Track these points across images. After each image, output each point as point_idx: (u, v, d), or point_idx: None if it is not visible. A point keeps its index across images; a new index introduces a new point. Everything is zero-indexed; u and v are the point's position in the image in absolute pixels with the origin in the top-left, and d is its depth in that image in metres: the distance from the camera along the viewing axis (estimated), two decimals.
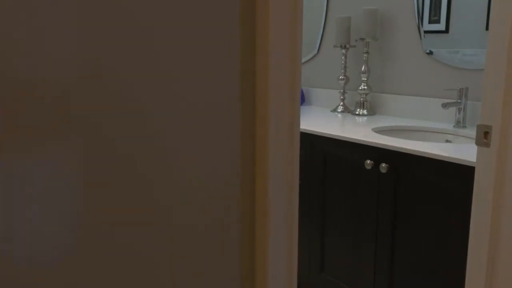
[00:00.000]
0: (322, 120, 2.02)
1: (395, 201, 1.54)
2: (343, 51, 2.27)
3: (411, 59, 2.06)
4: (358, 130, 1.78)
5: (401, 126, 1.89)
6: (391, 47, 2.14)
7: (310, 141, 1.84)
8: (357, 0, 2.26)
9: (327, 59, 2.50)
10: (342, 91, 2.31)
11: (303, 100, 2.60)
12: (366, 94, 2.18)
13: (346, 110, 2.29)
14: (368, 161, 1.58)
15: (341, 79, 2.29)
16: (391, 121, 1.98)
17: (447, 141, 1.78)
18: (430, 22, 1.94)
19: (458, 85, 1.89)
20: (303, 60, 2.65)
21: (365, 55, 2.17)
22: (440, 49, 1.94)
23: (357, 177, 1.67)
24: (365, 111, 2.18)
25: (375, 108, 2.22)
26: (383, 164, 1.53)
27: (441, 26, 1.91)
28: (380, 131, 1.85)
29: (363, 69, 2.17)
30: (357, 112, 2.19)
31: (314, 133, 1.80)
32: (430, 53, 1.97)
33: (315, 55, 2.58)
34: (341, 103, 2.31)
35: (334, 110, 2.31)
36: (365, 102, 2.18)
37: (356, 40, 2.17)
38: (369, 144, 1.58)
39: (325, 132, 1.75)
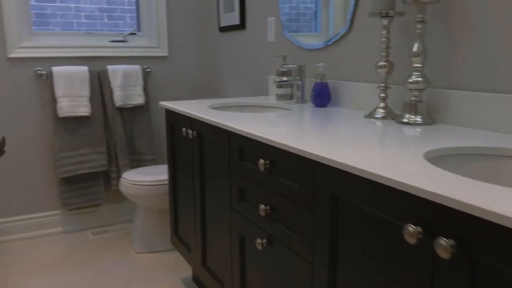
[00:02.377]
0: (345, 134, 1.21)
1: None
2: (384, 22, 1.44)
3: (504, 30, 1.19)
4: (401, 155, 0.96)
5: (482, 148, 1.03)
6: (465, 11, 1.28)
7: (312, 171, 1.05)
8: None
9: (364, 38, 1.67)
10: (383, 85, 1.48)
11: (328, 99, 1.79)
12: (421, 91, 1.34)
13: (388, 115, 1.46)
14: (411, 228, 0.76)
15: (380, 67, 1.46)
16: (463, 138, 1.13)
17: None
18: None
19: None
20: (322, 45, 1.83)
21: (419, 26, 1.33)
22: None
23: (392, 254, 0.86)
24: (418, 118, 1.34)
25: (436, 113, 1.38)
26: (442, 241, 0.71)
27: None
28: (440, 157, 1.01)
29: (416, 49, 1.33)
30: (405, 120, 1.36)
31: (318, 160, 1.00)
32: None
33: (346, 33, 1.75)
34: (381, 104, 1.48)
35: (370, 116, 1.49)
36: (418, 104, 1.34)
37: (404, 2, 1.34)
38: (414, 192, 0.76)
39: (338, 159, 0.94)
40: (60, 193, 2.68)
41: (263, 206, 1.25)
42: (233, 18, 2.56)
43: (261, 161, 1.23)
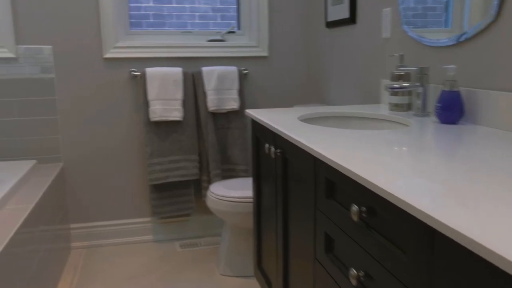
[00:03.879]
0: (489, 174, 0.78)
1: None
2: None
3: None
4: None
5: None
6: None
7: (431, 242, 0.65)
8: None
9: None
10: None
11: (459, 113, 1.32)
12: None
13: None
14: None
15: None
16: None
17: None
18: None
19: None
20: (453, 41, 1.36)
21: None
22: None
23: None
24: None
25: None
26: None
27: None
28: None
29: None
30: None
31: (443, 231, 0.60)
32: None
33: (490, 24, 1.27)
34: None
35: None
36: None
37: None
38: None
39: (479, 237, 0.54)
40: (151, 201, 2.56)
41: (354, 271, 0.87)
42: (342, 11, 2.17)
43: (354, 207, 0.85)
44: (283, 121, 1.41)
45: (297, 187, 1.27)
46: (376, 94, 1.91)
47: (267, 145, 1.46)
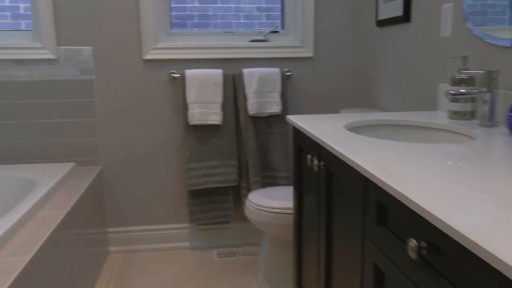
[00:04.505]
0: None
1: None
2: None
3: None
4: None
5: None
6: None
7: None
8: None
9: None
10: None
11: None
12: None
13: None
14: None
15: None
16: None
17: None
18: None
19: None
20: None
21: None
22: None
23: None
24: None
25: None
26: None
27: None
28: None
29: None
30: None
31: None
32: None
33: None
34: None
35: None
36: None
37: None
38: None
39: None
40: (188, 207, 2.47)
41: None
42: (395, 9, 1.99)
43: (413, 242, 0.70)
44: (328, 130, 1.27)
45: (343, 205, 1.12)
46: (433, 99, 1.73)
47: (309, 157, 1.32)
